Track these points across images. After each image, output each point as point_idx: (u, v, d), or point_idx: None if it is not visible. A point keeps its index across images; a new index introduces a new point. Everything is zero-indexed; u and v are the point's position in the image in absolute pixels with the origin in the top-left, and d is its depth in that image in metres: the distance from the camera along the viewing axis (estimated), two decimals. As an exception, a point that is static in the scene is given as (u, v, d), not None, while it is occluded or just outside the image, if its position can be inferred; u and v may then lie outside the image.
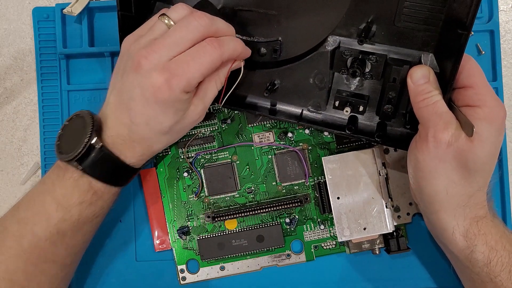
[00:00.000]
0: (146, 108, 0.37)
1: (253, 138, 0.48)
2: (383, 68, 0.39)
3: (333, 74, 0.42)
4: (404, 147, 0.40)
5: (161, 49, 0.37)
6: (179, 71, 0.36)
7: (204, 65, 0.37)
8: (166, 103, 0.37)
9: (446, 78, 0.37)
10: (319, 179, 0.47)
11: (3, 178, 0.51)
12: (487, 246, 0.38)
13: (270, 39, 0.41)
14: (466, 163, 0.36)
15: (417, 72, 0.37)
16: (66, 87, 0.49)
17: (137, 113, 0.38)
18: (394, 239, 0.45)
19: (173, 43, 0.37)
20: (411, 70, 0.37)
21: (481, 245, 0.38)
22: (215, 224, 0.48)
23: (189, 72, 0.36)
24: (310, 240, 0.47)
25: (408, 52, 0.39)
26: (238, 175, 0.48)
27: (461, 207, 0.38)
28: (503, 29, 0.49)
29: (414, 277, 0.47)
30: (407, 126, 0.41)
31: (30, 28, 0.51)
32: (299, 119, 0.44)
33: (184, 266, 0.48)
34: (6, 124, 0.51)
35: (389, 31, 0.38)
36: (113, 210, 0.48)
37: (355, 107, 0.41)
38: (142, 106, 0.37)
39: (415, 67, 0.37)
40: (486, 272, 0.38)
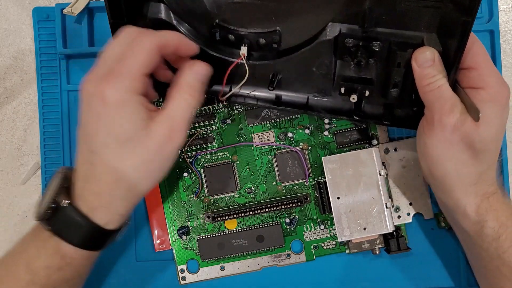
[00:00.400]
0: (100, 120, 0.35)
1: (253, 138, 0.48)
2: (387, 53, 0.39)
3: (336, 61, 0.41)
4: (413, 127, 0.41)
5: (97, 68, 0.36)
6: (116, 71, 0.34)
7: (137, 55, 0.35)
8: (116, 104, 0.34)
9: (450, 59, 0.36)
10: (319, 179, 0.47)
11: (3, 178, 0.51)
12: (497, 221, 0.38)
13: (269, 30, 0.40)
14: (473, 144, 0.37)
15: (421, 55, 0.36)
16: (66, 87, 0.49)
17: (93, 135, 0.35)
18: (394, 239, 0.45)
19: (104, 58, 0.36)
20: (416, 53, 0.37)
21: (492, 220, 0.38)
22: (215, 224, 0.48)
23: (125, 67, 0.34)
24: (310, 240, 0.47)
25: (411, 34, 0.37)
26: (238, 175, 0.48)
27: (472, 185, 0.38)
28: (503, 29, 0.49)
29: (414, 277, 0.47)
30: (414, 108, 0.41)
31: (30, 28, 0.51)
32: (305, 107, 0.43)
33: (184, 266, 0.48)
34: (6, 124, 0.51)
35: (390, 13, 0.37)
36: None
37: (361, 93, 0.41)
38: (95, 121, 0.35)
39: (420, 49, 0.37)
40: (495, 247, 0.38)
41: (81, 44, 0.48)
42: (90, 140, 0.36)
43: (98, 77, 0.35)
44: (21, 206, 0.50)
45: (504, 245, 0.38)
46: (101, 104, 0.34)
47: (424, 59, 0.36)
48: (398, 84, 0.40)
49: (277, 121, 0.47)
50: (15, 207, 0.50)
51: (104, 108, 0.34)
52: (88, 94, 0.35)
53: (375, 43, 0.38)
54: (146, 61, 0.35)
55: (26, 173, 0.50)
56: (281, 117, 0.47)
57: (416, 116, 0.40)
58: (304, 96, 0.44)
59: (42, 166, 0.49)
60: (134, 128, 0.35)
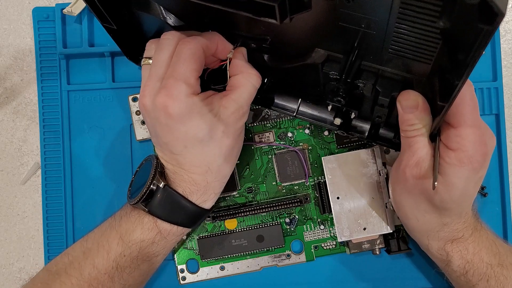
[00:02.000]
0: (173, 132, 0.37)
1: (253, 138, 0.48)
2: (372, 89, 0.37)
3: (322, 81, 0.40)
4: (397, 149, 0.40)
5: (149, 81, 0.37)
6: (171, 81, 0.36)
7: (187, 60, 0.36)
8: (183, 114, 0.36)
9: (437, 108, 0.33)
10: (319, 179, 0.47)
11: (3, 178, 0.51)
12: (462, 259, 0.38)
13: (259, 36, 0.39)
14: (433, 201, 0.36)
15: (406, 100, 0.35)
16: (66, 87, 0.49)
17: (170, 143, 0.38)
18: (395, 239, 0.45)
19: (155, 69, 0.37)
20: (401, 96, 0.35)
21: (456, 259, 0.38)
22: (215, 224, 0.48)
23: (179, 75, 0.36)
24: (310, 240, 0.47)
25: (399, 74, 0.35)
26: (238, 175, 0.48)
27: (434, 232, 0.38)
28: (503, 29, 0.49)
29: (414, 277, 0.47)
30: (396, 140, 0.41)
31: (30, 28, 0.51)
32: (296, 112, 0.44)
33: (184, 266, 0.48)
34: (6, 124, 0.51)
35: (379, 53, 0.34)
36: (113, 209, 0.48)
37: (347, 113, 0.41)
38: (168, 132, 0.37)
39: (405, 93, 0.35)
40: (464, 281, 0.39)
41: (81, 44, 0.48)
42: (169, 147, 0.38)
43: (154, 91, 0.36)
44: (21, 206, 0.50)
45: (472, 279, 0.38)
46: (167, 118, 0.36)
47: (407, 104, 0.35)
48: (381, 117, 0.39)
49: (277, 121, 0.47)
50: (15, 207, 0.50)
51: (172, 121, 0.36)
52: (149, 109, 0.37)
53: (359, 81, 0.36)
54: (196, 65, 0.36)
55: (26, 173, 0.50)
56: (281, 117, 0.47)
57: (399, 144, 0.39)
58: (296, 101, 0.44)
59: (42, 166, 0.49)
60: (206, 127, 0.37)
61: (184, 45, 0.36)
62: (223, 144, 0.38)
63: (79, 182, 0.49)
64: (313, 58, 0.38)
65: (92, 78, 0.49)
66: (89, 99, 0.49)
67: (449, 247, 0.38)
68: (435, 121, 0.34)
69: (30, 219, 0.50)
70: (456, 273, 0.39)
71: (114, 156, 0.49)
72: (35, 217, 0.50)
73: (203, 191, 0.39)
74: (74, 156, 0.49)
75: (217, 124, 0.37)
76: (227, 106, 0.38)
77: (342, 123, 0.41)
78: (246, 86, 0.38)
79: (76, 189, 0.49)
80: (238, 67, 0.39)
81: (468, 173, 0.34)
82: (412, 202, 0.37)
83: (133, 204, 0.39)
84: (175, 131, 0.37)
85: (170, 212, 0.39)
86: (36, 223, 0.50)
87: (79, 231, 0.49)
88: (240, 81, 0.39)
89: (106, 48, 0.48)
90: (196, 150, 0.38)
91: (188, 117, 0.36)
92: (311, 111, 0.44)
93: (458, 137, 0.33)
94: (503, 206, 0.47)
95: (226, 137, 0.38)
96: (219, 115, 0.37)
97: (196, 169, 0.38)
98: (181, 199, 0.39)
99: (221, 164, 0.39)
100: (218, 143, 0.38)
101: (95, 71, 0.49)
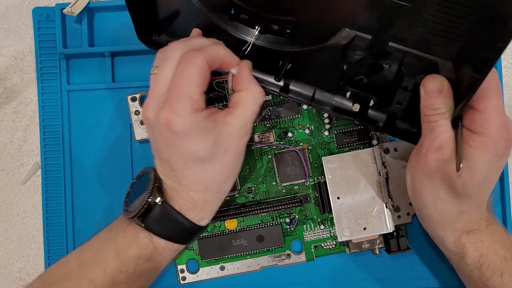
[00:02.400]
0: (174, 149, 0.36)
1: (253, 138, 0.48)
2: (396, 71, 0.37)
3: (343, 65, 0.40)
4: (413, 142, 0.40)
5: (153, 93, 0.36)
6: (175, 96, 0.35)
7: (192, 75, 0.35)
8: (186, 131, 0.35)
9: (461, 93, 0.34)
10: (319, 179, 0.47)
11: (3, 178, 0.51)
12: (477, 252, 0.38)
13: (283, 18, 0.37)
14: (454, 187, 0.35)
15: (431, 83, 0.35)
16: (66, 87, 0.49)
17: (171, 159, 0.37)
18: (394, 239, 0.45)
19: (159, 81, 0.36)
20: (426, 79, 0.35)
21: (471, 252, 0.38)
22: (215, 224, 0.48)
23: (183, 90, 0.35)
24: (310, 240, 0.47)
25: (425, 57, 0.35)
26: (238, 175, 0.48)
27: (451, 222, 0.38)
28: (503, 29, 0.49)
29: (414, 277, 0.47)
30: (414, 129, 0.40)
31: (30, 28, 0.51)
32: (311, 99, 0.43)
33: (184, 266, 0.48)
34: (6, 124, 0.51)
35: (408, 32, 0.34)
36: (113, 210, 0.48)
37: (366, 101, 0.40)
38: (170, 148, 0.36)
39: (430, 77, 0.35)
40: (478, 275, 0.38)
41: (81, 44, 0.48)
42: (170, 162, 0.37)
43: (158, 104, 0.36)
44: (21, 206, 0.50)
45: (486, 273, 0.38)
46: (169, 133, 0.35)
47: (432, 88, 0.35)
48: (402, 103, 0.39)
49: (277, 121, 0.47)
50: (15, 207, 0.50)
51: (175, 137, 0.35)
52: (151, 123, 0.36)
53: (385, 61, 0.36)
54: (201, 80, 0.35)
55: (26, 173, 0.50)
56: (281, 117, 0.47)
57: (417, 134, 0.39)
58: (312, 89, 0.43)
59: (42, 166, 0.49)
60: (209, 145, 0.36)
61: (189, 59, 0.35)
62: (224, 162, 0.38)
63: (79, 182, 0.49)
64: (337, 38, 0.37)
65: (92, 78, 0.49)
66: (89, 99, 0.49)
67: (465, 238, 0.38)
68: (459, 105, 0.34)
69: (30, 219, 0.50)
70: (470, 267, 0.38)
71: (114, 156, 0.49)
72: (35, 217, 0.50)
73: (201, 208, 0.39)
74: (74, 156, 0.49)
75: (220, 143, 0.37)
76: (231, 124, 0.37)
77: (360, 110, 0.41)
78: (250, 103, 0.37)
79: (76, 189, 0.49)
80: (243, 83, 0.38)
81: (492, 157, 0.34)
82: (432, 188, 0.37)
83: (130, 218, 0.38)
84: (176, 147, 0.36)
85: (166, 229, 0.38)
86: (36, 223, 0.50)
87: (79, 231, 0.49)
88: (245, 98, 0.38)
89: (106, 48, 0.48)
90: (197, 168, 0.37)
91: (191, 134, 0.35)
92: (327, 99, 0.43)
93: (484, 121, 0.33)
94: (503, 206, 0.47)
95: (228, 155, 0.37)
96: (222, 133, 0.37)
97: (195, 186, 0.38)
98: (178, 216, 0.38)
99: (221, 182, 0.39)
100: (220, 161, 0.37)
101: (95, 71, 0.49)
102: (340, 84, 0.41)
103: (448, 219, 0.38)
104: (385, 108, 0.41)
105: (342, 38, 0.37)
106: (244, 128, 0.38)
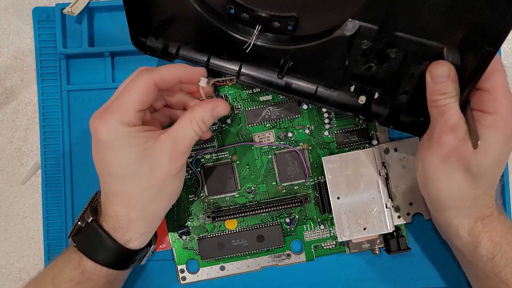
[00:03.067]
0: (100, 157, 0.38)
1: (253, 138, 0.48)
2: (402, 60, 0.37)
3: (348, 58, 0.40)
4: (417, 134, 0.40)
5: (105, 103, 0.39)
6: (110, 107, 0.37)
7: (131, 91, 0.37)
8: (110, 140, 0.36)
9: (467, 77, 0.35)
10: (319, 179, 0.47)
11: (3, 178, 0.51)
12: (491, 242, 0.38)
13: (285, 14, 0.38)
14: (470, 168, 0.36)
15: (437, 69, 0.35)
16: (66, 87, 0.49)
17: (99, 168, 0.38)
18: (394, 239, 0.45)
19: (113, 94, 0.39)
20: (432, 66, 0.36)
21: (486, 241, 0.38)
22: (215, 224, 0.48)
23: (119, 103, 0.37)
24: (310, 240, 0.47)
25: (430, 44, 0.36)
26: (238, 175, 0.48)
27: (466, 208, 0.38)
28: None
29: (414, 277, 0.47)
30: (421, 118, 0.40)
31: (30, 28, 0.51)
32: (313, 97, 0.43)
33: (184, 266, 0.48)
34: (6, 124, 0.51)
35: (413, 20, 0.35)
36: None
37: (370, 94, 0.40)
38: (97, 156, 0.38)
39: (436, 63, 0.36)
40: (491, 266, 0.38)
41: (81, 44, 0.48)
42: (99, 172, 0.39)
43: (98, 112, 0.38)
44: (21, 206, 0.50)
45: (500, 264, 0.38)
46: (97, 141, 0.37)
47: (439, 74, 0.35)
48: (408, 92, 0.39)
49: (277, 121, 0.47)
50: (15, 207, 0.50)
51: (100, 145, 0.37)
52: (90, 129, 0.38)
53: (391, 50, 0.37)
54: (140, 97, 0.37)
55: (26, 173, 0.50)
56: (281, 117, 0.47)
57: (422, 125, 0.39)
58: (313, 86, 0.43)
59: (42, 166, 0.49)
60: (132, 158, 0.37)
61: (135, 77, 0.37)
62: (150, 181, 0.37)
63: (79, 182, 0.49)
64: (343, 30, 0.37)
65: (92, 78, 0.49)
66: (89, 99, 0.49)
67: (479, 226, 0.38)
68: (467, 89, 0.35)
69: (30, 219, 0.50)
70: (483, 258, 0.38)
71: (114, 156, 0.49)
72: (35, 217, 0.50)
73: (126, 228, 0.39)
74: (74, 156, 0.49)
75: (146, 158, 0.37)
76: (162, 141, 0.37)
77: (365, 104, 0.41)
78: (187, 128, 0.38)
79: (76, 189, 0.49)
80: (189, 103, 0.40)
81: (503, 137, 0.35)
82: (447, 172, 0.37)
83: (69, 238, 0.40)
84: (102, 155, 0.37)
85: (92, 248, 0.39)
86: (36, 223, 0.50)
87: (79, 231, 0.49)
88: (183, 119, 0.38)
89: (106, 48, 0.48)
90: (119, 180, 0.38)
91: (113, 144, 0.36)
92: (329, 95, 0.43)
93: (494, 101, 0.34)
94: (503, 206, 0.47)
95: (155, 175, 0.37)
96: (151, 149, 0.37)
97: (119, 201, 0.38)
98: (103, 234, 0.38)
99: (147, 202, 0.38)
100: (144, 178, 0.37)
101: (95, 71, 0.49)
102: (343, 79, 0.41)
103: (463, 205, 0.38)
104: (389, 101, 0.41)
105: (347, 30, 0.37)
106: (176, 150, 0.37)
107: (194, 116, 0.38)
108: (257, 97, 0.47)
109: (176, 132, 0.38)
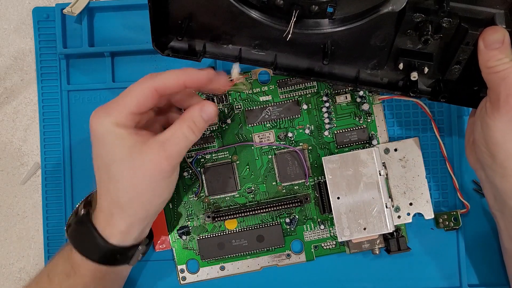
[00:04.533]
0: (93, 148, 0.39)
1: (253, 138, 0.48)
2: (455, 30, 0.36)
3: (395, 35, 0.38)
4: (471, 105, 0.39)
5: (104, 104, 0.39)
6: (109, 106, 0.38)
7: (129, 94, 0.37)
8: (100, 134, 0.38)
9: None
10: (319, 179, 0.47)
11: (3, 178, 0.51)
12: None
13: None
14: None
15: (491, 35, 0.35)
16: (66, 87, 0.49)
17: (93, 159, 0.40)
18: (394, 239, 0.45)
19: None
20: (485, 32, 0.35)
21: None
22: (215, 224, 0.48)
23: (117, 104, 0.37)
24: (310, 240, 0.47)
25: (481, 10, 0.35)
26: (238, 175, 0.48)
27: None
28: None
29: (414, 277, 0.47)
30: (474, 87, 0.40)
31: (30, 28, 0.51)
32: (355, 81, 0.42)
33: (184, 266, 0.48)
34: (6, 124, 0.51)
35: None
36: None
37: (419, 69, 0.39)
38: (93, 147, 0.39)
39: (489, 29, 0.35)
40: None
41: (81, 44, 0.48)
42: (93, 162, 0.40)
43: (98, 109, 0.39)
44: (21, 206, 0.50)
45: None
46: (92, 133, 0.38)
47: (493, 40, 0.35)
48: (462, 62, 0.38)
49: (277, 121, 0.47)
50: (15, 207, 0.50)
51: (93, 138, 0.39)
52: (90, 122, 0.39)
53: (445, 19, 0.36)
54: (136, 102, 0.37)
55: (26, 173, 0.50)
56: (281, 117, 0.47)
57: (475, 94, 0.38)
58: (355, 69, 0.42)
59: (42, 166, 0.49)
60: (115, 159, 0.38)
61: (138, 81, 0.38)
62: (132, 182, 0.38)
63: (79, 182, 0.49)
64: (389, 5, 0.36)
65: (92, 78, 0.49)
66: (89, 99, 0.49)
67: None
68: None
69: (30, 219, 0.50)
70: None
71: (114, 156, 0.49)
72: (35, 217, 0.50)
73: (107, 222, 0.39)
74: (74, 156, 0.49)
75: (130, 162, 0.37)
76: (149, 145, 0.38)
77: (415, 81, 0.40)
78: (176, 131, 0.38)
79: (76, 189, 0.49)
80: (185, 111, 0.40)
81: None
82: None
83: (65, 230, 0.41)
84: (93, 148, 0.39)
85: (79, 240, 0.39)
86: (36, 223, 0.50)
87: (79, 231, 0.49)
88: (174, 123, 0.39)
89: (106, 48, 0.48)
90: (103, 173, 0.39)
91: (103, 141, 0.38)
92: (373, 77, 0.41)
93: None
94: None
95: (135, 178, 0.37)
96: (136, 154, 0.37)
97: (104, 196, 0.39)
98: (90, 227, 0.39)
99: (127, 201, 0.38)
100: (125, 180, 0.38)
101: (95, 71, 0.49)
102: (388, 57, 0.40)
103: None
104: (439, 74, 0.40)
105: (395, 5, 0.36)
106: (161, 155, 0.37)
107: (184, 118, 0.38)
108: (257, 97, 0.47)
109: (164, 137, 0.38)
